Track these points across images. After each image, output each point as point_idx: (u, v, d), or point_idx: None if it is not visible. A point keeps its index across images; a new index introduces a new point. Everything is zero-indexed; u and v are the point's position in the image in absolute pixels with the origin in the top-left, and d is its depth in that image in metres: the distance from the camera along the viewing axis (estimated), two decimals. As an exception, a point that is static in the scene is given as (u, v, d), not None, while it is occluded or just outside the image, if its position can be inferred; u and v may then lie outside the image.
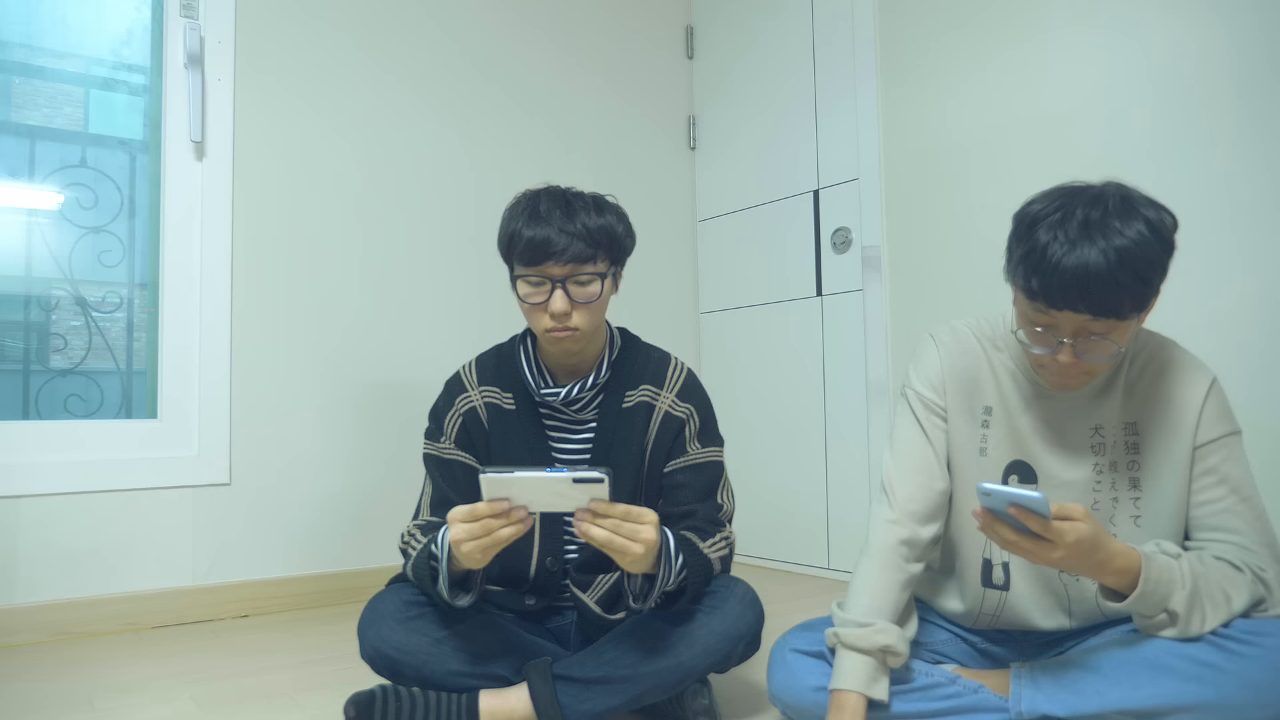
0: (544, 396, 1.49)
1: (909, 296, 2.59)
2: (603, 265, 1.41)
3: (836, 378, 2.79)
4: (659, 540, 1.24)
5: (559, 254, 1.37)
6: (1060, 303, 1.13)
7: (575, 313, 1.40)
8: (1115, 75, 2.11)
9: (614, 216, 1.44)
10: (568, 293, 1.39)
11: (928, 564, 1.44)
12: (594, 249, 1.39)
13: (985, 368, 1.38)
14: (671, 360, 1.56)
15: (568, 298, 1.39)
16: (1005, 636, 1.43)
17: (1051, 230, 1.13)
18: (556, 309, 1.38)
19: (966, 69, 2.44)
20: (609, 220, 1.42)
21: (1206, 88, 1.95)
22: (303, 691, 1.69)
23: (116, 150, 2.43)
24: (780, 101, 3.01)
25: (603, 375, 1.50)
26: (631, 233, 1.48)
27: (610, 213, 1.44)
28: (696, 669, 1.36)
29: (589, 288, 1.40)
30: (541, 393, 1.49)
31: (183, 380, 2.34)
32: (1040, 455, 1.34)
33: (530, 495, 1.17)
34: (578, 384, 1.48)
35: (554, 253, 1.37)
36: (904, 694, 1.28)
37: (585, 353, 1.49)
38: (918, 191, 2.57)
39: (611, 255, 1.43)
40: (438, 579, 1.32)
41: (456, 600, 1.33)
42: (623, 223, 1.46)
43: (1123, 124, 2.09)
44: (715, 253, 3.26)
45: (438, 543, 1.32)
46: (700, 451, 1.50)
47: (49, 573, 2.13)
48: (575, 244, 1.37)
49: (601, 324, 1.50)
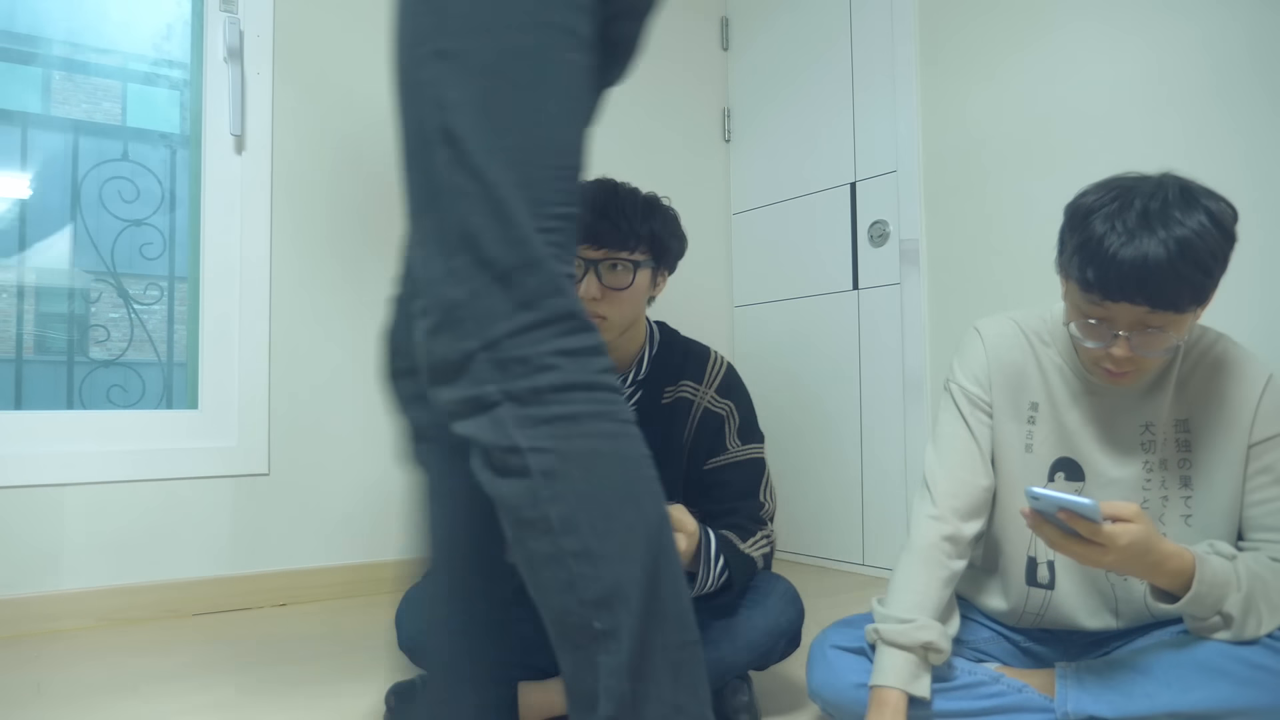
0: None
1: (948, 290, 2.56)
2: (640, 256, 1.40)
3: (873, 372, 2.77)
4: (696, 543, 1.24)
5: (595, 237, 1.36)
6: (1117, 295, 1.11)
7: (605, 301, 1.37)
8: (1164, 63, 2.06)
9: (661, 215, 1.43)
10: (600, 277, 1.37)
11: (970, 561, 1.42)
12: (633, 239, 1.37)
13: (1032, 363, 1.35)
14: (711, 355, 1.54)
15: (599, 283, 1.37)
16: (1049, 636, 1.41)
17: (1108, 220, 1.10)
18: (586, 293, 1.36)
19: (1009, 58, 2.40)
20: (656, 218, 1.41)
21: (1263, 76, 1.91)
22: (343, 680, 1.71)
23: (157, 144, 2.46)
24: (817, 93, 2.98)
25: (642, 372, 1.49)
26: (679, 234, 1.45)
27: (659, 212, 1.42)
28: (737, 664, 1.35)
29: (621, 275, 1.38)
30: None
31: (223, 372, 2.37)
32: (1088, 452, 1.31)
33: None
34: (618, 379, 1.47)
35: (591, 235, 1.36)
36: (946, 692, 1.27)
37: (620, 349, 1.47)
38: (958, 184, 2.53)
39: (654, 251, 1.41)
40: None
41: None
42: (670, 223, 1.44)
43: (1171, 114, 2.05)
44: (749, 246, 3.24)
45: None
46: (740, 449, 1.48)
47: (93, 560, 2.16)
48: (613, 229, 1.36)
49: (636, 321, 1.46)
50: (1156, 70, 2.08)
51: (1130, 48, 2.13)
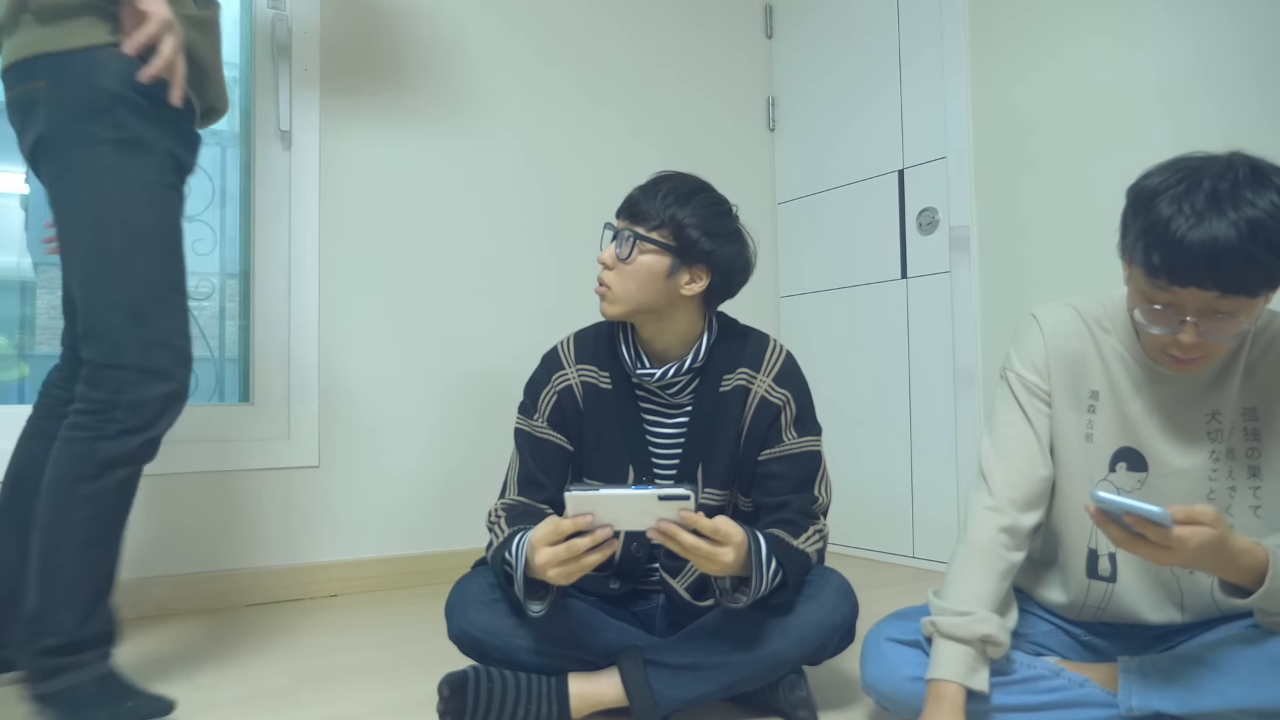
0: (640, 377, 1.47)
1: (1000, 278, 2.51)
2: (657, 236, 1.39)
3: (922, 362, 2.73)
4: (745, 552, 1.22)
5: (625, 209, 1.44)
6: (1185, 279, 1.07)
7: (614, 271, 1.43)
8: (1218, 44, 2.00)
9: (695, 207, 1.40)
10: (618, 246, 1.43)
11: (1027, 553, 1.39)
12: (651, 217, 1.40)
13: (1092, 350, 1.32)
14: (770, 343, 1.52)
15: (614, 251, 1.43)
16: (1110, 629, 1.37)
17: (1176, 202, 1.07)
18: (601, 256, 1.45)
19: (1064, 37, 2.34)
20: (687, 207, 1.40)
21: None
22: (395, 670, 1.72)
23: (208, 141, 2.49)
24: (862, 79, 2.94)
25: (700, 360, 1.47)
26: (713, 233, 1.41)
27: (694, 203, 1.41)
28: (790, 659, 1.34)
29: (623, 246, 1.42)
30: (638, 372, 1.47)
31: (274, 366, 2.40)
32: (1152, 442, 1.27)
33: (615, 513, 1.17)
34: (674, 365, 1.46)
35: (623, 207, 1.45)
36: (1005, 686, 1.24)
37: (668, 336, 1.46)
38: (1011, 169, 2.48)
39: (676, 238, 1.39)
40: (513, 581, 1.31)
41: (531, 607, 1.31)
42: (704, 219, 1.40)
43: (1228, 96, 1.98)
44: (795, 235, 3.20)
45: (512, 550, 1.30)
46: (796, 441, 1.46)
47: (149, 550, 2.21)
48: (634, 202, 1.43)
49: (644, 302, 1.41)
50: (1218, 47, 2.01)
51: (1189, 26, 2.06)
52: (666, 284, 1.41)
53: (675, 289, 1.42)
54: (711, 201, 1.43)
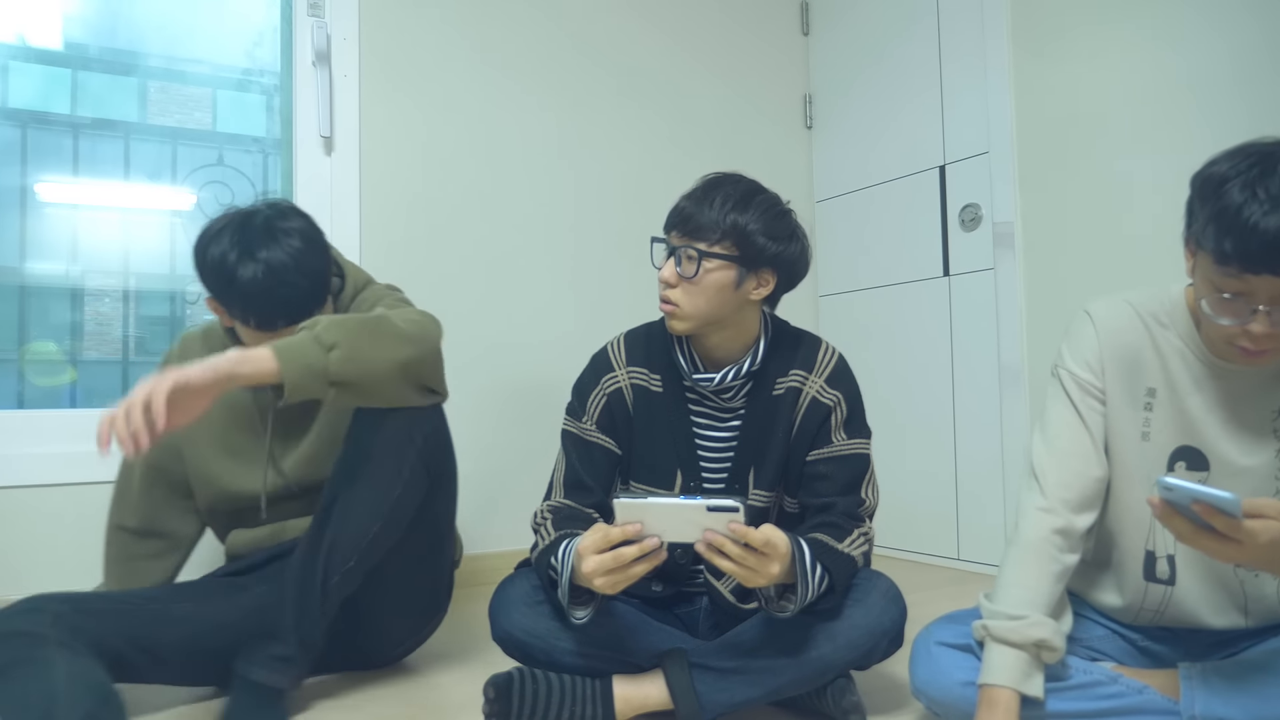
0: (696, 382, 1.45)
1: (1045, 275, 2.46)
2: (720, 249, 1.35)
3: (966, 361, 2.68)
4: (790, 560, 1.20)
5: (679, 223, 1.39)
6: (1258, 266, 1.03)
7: (679, 289, 1.38)
8: (1266, 34, 1.94)
9: (757, 211, 1.37)
10: (678, 263, 1.38)
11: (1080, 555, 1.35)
12: (711, 230, 1.35)
13: (1148, 346, 1.28)
14: (822, 345, 1.50)
15: (675, 269, 1.38)
16: (1169, 634, 1.33)
17: (1247, 188, 1.03)
18: (662, 275, 1.39)
19: (1106, 31, 2.29)
20: (749, 212, 1.36)
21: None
22: (440, 671, 1.72)
23: (250, 148, 2.53)
24: (902, 74, 2.90)
25: (756, 363, 1.44)
26: (777, 236, 1.38)
27: (755, 208, 1.37)
28: (837, 663, 1.31)
29: (687, 264, 1.36)
30: (694, 377, 1.45)
31: (315, 369, 2.41)
32: (1213, 440, 1.23)
33: (664, 523, 1.16)
34: (731, 369, 1.43)
35: (677, 221, 1.39)
36: (1060, 691, 1.21)
37: (726, 343, 1.44)
38: (1054, 164, 2.43)
39: (740, 247, 1.36)
40: (557, 587, 1.30)
41: (574, 614, 1.30)
42: (767, 222, 1.37)
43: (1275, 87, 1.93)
44: (834, 234, 3.17)
45: (559, 556, 1.29)
46: (845, 443, 1.43)
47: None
48: (690, 217, 1.37)
49: (713, 315, 1.39)
50: (1258, 39, 1.95)
51: (1230, 18, 2.01)
52: (735, 294, 1.39)
53: (744, 297, 1.40)
54: (770, 203, 1.40)
